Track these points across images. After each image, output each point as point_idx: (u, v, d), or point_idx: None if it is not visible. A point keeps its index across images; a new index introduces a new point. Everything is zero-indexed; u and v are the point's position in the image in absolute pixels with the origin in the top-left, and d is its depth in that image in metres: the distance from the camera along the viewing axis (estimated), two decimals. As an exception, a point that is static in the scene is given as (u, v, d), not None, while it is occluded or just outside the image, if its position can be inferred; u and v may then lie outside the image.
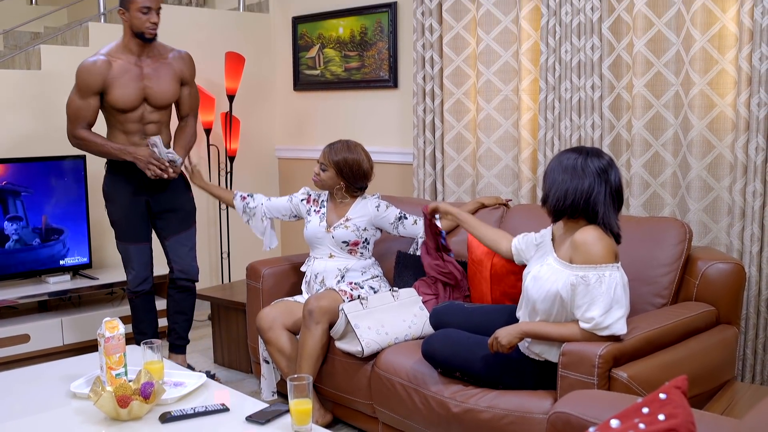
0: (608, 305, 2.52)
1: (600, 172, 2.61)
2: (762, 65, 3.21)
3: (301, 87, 5.49)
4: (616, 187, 2.65)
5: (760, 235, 3.31)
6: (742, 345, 3.37)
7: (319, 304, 3.37)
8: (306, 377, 2.44)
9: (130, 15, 3.71)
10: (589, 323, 2.53)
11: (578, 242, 2.58)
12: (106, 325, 2.72)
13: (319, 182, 3.69)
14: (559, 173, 2.66)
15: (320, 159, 3.68)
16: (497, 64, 4.12)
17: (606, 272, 2.54)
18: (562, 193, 2.63)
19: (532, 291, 2.69)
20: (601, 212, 2.61)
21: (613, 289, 2.53)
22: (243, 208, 3.91)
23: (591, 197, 2.60)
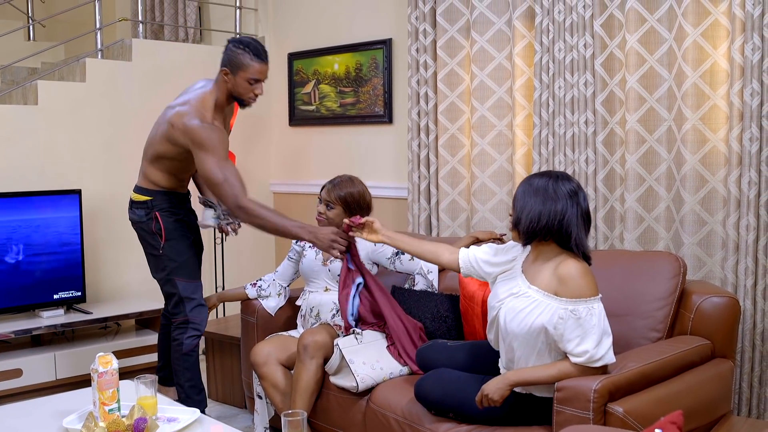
0: (600, 336, 2.53)
1: (571, 194, 2.63)
2: (753, 101, 3.24)
3: (297, 122, 5.52)
4: (585, 210, 2.66)
5: (754, 269, 3.32)
6: (738, 378, 3.36)
7: (314, 339, 3.36)
8: (300, 413, 2.42)
9: (235, 80, 3.48)
10: (582, 357, 2.53)
11: (565, 276, 2.57)
12: (100, 360, 2.70)
13: (324, 222, 3.63)
14: (530, 196, 2.66)
15: (324, 197, 3.62)
16: (491, 100, 4.15)
17: (595, 305, 2.55)
18: (535, 215, 2.62)
19: (512, 325, 2.65)
20: (574, 234, 2.61)
21: (602, 320, 2.55)
22: (258, 293, 3.88)
23: (564, 219, 2.60)
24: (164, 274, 3.71)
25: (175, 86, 5.22)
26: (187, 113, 3.46)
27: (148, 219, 3.70)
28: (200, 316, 3.73)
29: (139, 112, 5.06)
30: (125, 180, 4.98)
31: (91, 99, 4.87)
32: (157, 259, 3.72)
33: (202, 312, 3.73)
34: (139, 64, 5.08)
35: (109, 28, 6.11)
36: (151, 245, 3.73)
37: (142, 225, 3.73)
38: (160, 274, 3.74)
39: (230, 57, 3.48)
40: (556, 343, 2.59)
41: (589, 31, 3.71)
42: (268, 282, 3.87)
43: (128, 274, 5.08)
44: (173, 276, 3.68)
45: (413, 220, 4.49)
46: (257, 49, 3.47)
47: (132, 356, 4.61)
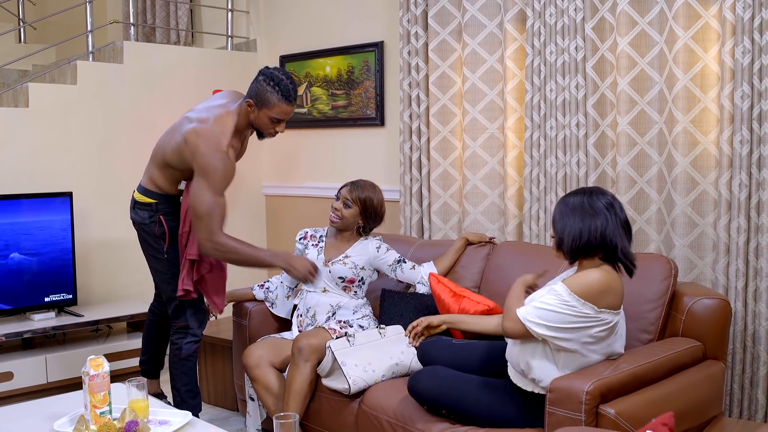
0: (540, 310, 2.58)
1: (607, 207, 2.66)
2: (744, 103, 3.25)
3: (289, 125, 5.50)
4: (624, 220, 2.69)
5: (744, 271, 3.33)
6: (729, 380, 3.37)
7: (309, 342, 3.36)
8: (292, 415, 2.42)
9: (259, 114, 3.47)
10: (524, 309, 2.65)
11: (582, 273, 2.64)
12: (91, 363, 2.70)
13: (339, 220, 3.64)
14: (568, 215, 2.68)
15: (344, 195, 3.64)
16: (483, 103, 4.16)
17: (572, 302, 2.56)
18: (576, 233, 2.64)
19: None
20: (620, 245, 2.64)
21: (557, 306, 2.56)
22: (265, 294, 3.88)
23: (606, 232, 2.63)
24: (166, 277, 3.68)
25: (167, 89, 5.24)
26: (204, 135, 3.41)
27: (151, 222, 3.65)
28: (200, 322, 3.70)
29: (131, 114, 5.06)
30: (117, 182, 4.99)
31: (83, 101, 4.86)
32: (159, 263, 3.69)
33: (202, 317, 3.71)
34: (131, 67, 5.07)
35: (101, 30, 6.10)
36: (153, 248, 3.69)
37: (145, 227, 3.69)
38: (162, 277, 3.71)
39: (258, 91, 3.44)
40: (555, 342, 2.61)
41: (580, 34, 3.72)
42: (276, 284, 3.87)
43: (120, 277, 5.07)
44: (174, 280, 3.64)
45: (405, 223, 4.49)
46: (288, 90, 3.42)
47: (123, 359, 4.60)
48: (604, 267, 2.65)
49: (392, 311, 3.65)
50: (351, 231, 3.72)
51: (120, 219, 5.02)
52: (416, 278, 3.67)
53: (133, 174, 5.08)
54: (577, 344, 2.59)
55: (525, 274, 2.94)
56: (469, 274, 3.67)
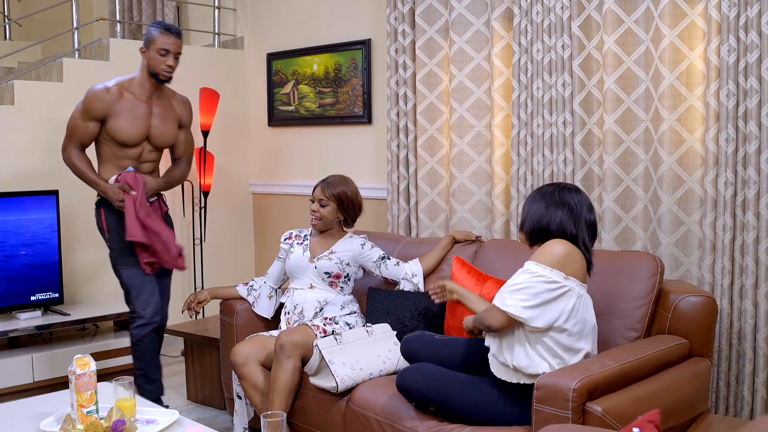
0: (516, 290, 2.63)
1: (577, 203, 2.74)
2: (729, 102, 3.27)
3: (276, 123, 5.51)
4: (589, 222, 2.76)
5: (730, 268, 3.35)
6: (715, 377, 3.39)
7: (291, 338, 3.36)
8: (280, 414, 2.42)
9: (149, 54, 3.81)
10: (497, 298, 2.68)
11: (545, 245, 2.70)
12: (77, 362, 2.69)
13: (319, 222, 3.70)
14: (537, 201, 2.78)
15: (317, 196, 3.68)
16: (470, 101, 4.16)
17: (540, 270, 2.61)
18: (536, 216, 2.75)
19: None
20: (580, 236, 2.71)
21: (531, 283, 2.61)
22: (248, 291, 3.88)
23: (565, 223, 2.71)
24: (113, 266, 3.89)
25: (154, 86, 5.19)
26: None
27: (97, 216, 3.91)
28: (146, 305, 3.81)
29: (117, 112, 5.03)
30: (103, 181, 4.96)
31: (69, 99, 4.82)
32: (109, 255, 3.91)
33: (148, 300, 3.81)
34: (117, 64, 5.05)
35: (87, 27, 6.07)
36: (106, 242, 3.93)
37: (97, 224, 3.94)
38: (114, 269, 3.91)
39: (145, 36, 3.86)
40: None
41: (567, 32, 3.73)
42: (259, 284, 3.88)
43: (106, 276, 5.03)
44: (117, 265, 3.84)
45: (392, 221, 4.50)
46: (166, 24, 3.86)
47: (110, 358, 4.59)
48: (563, 240, 2.70)
49: (379, 309, 3.65)
50: (336, 229, 3.74)
51: (106, 217, 5.00)
52: (400, 275, 3.69)
53: (119, 172, 5.07)
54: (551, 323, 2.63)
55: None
56: (457, 272, 3.68)
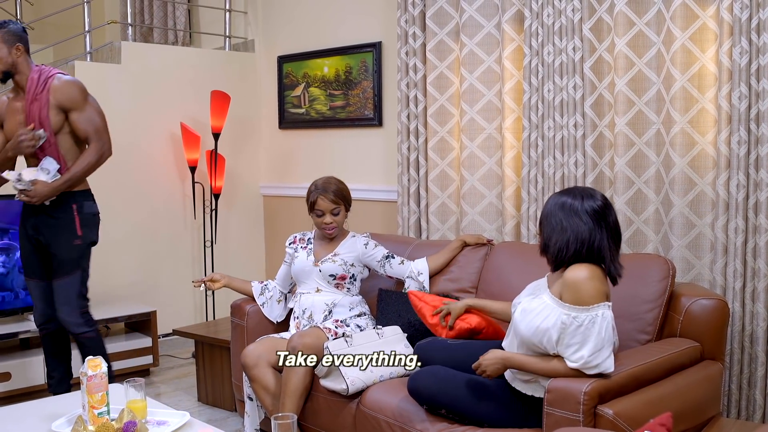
0: (599, 345, 2.51)
1: (597, 215, 2.60)
2: (741, 104, 3.25)
3: (287, 125, 5.52)
4: (613, 227, 2.64)
5: (742, 271, 3.33)
6: (727, 380, 3.38)
7: (303, 341, 3.36)
8: (291, 416, 2.42)
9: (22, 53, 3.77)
10: (578, 362, 2.52)
11: (569, 281, 2.55)
12: (89, 364, 2.69)
13: (336, 229, 3.68)
14: (557, 221, 2.63)
15: (327, 208, 3.63)
16: (480, 103, 4.16)
17: (599, 312, 2.51)
18: (563, 243, 2.60)
19: (521, 325, 2.66)
20: (608, 258, 2.61)
21: (604, 329, 2.51)
22: (261, 290, 3.88)
23: (594, 245, 2.59)
24: None
25: (165, 89, 5.24)
26: None
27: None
28: (34, 312, 3.96)
29: (129, 114, 5.06)
30: (114, 183, 4.99)
31: (80, 102, 4.85)
32: None
33: (35, 307, 3.93)
34: (129, 67, 5.07)
35: (98, 30, 6.11)
36: None
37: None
38: None
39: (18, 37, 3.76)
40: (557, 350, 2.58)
41: (578, 34, 3.73)
42: (273, 286, 3.88)
43: (117, 277, 5.07)
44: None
45: (403, 223, 4.50)
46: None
47: (122, 359, 4.60)
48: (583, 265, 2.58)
49: (389, 311, 3.65)
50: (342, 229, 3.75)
51: (117, 218, 5.03)
52: (405, 273, 3.69)
53: (130, 174, 5.10)
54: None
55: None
56: (467, 274, 3.67)
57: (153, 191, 5.21)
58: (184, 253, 5.40)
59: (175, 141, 5.26)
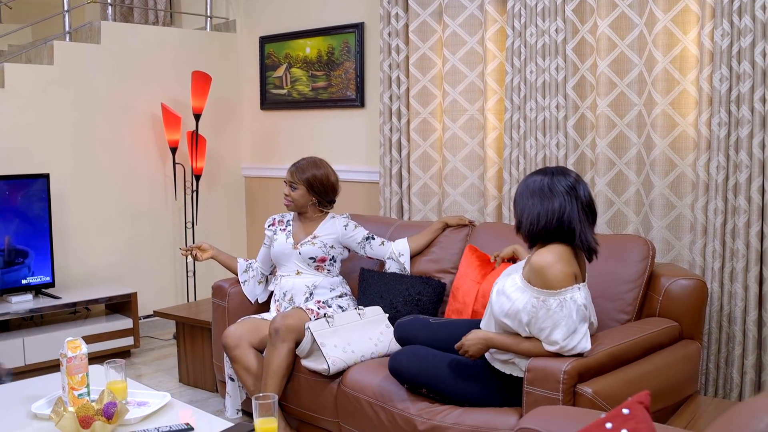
0: (572, 327, 2.53)
1: (569, 189, 2.61)
2: (722, 86, 3.27)
3: (268, 106, 5.49)
4: (587, 202, 2.64)
5: (721, 252, 3.36)
6: (705, 359, 3.41)
7: (285, 323, 3.36)
8: (271, 396, 2.43)
9: None
10: (553, 346, 2.54)
11: (535, 266, 2.56)
12: (69, 345, 2.68)
13: (291, 204, 3.70)
14: (527, 197, 2.65)
15: (288, 179, 3.69)
16: (463, 84, 4.15)
17: (567, 296, 2.52)
18: (534, 216, 2.61)
19: (496, 305, 2.68)
20: (578, 230, 2.60)
21: (575, 311, 2.53)
22: (246, 268, 3.88)
23: (564, 217, 2.59)
24: None
25: (145, 69, 5.20)
26: None
27: None
28: None
29: (109, 95, 5.02)
30: (94, 164, 4.96)
31: (59, 82, 4.82)
32: None
33: None
34: (108, 47, 5.02)
35: (78, 10, 6.04)
36: None
37: None
38: None
39: None
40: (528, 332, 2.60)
41: (560, 15, 3.72)
42: (256, 266, 3.88)
43: (98, 259, 5.05)
44: None
45: (385, 204, 4.49)
46: None
47: (102, 341, 4.59)
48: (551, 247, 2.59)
49: (371, 291, 3.66)
50: (313, 211, 3.73)
51: (97, 200, 5.00)
52: (386, 254, 3.70)
53: (110, 155, 5.06)
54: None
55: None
56: (448, 255, 3.68)
57: (134, 172, 5.18)
58: (165, 235, 5.38)
59: (155, 122, 5.23)
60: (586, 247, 2.63)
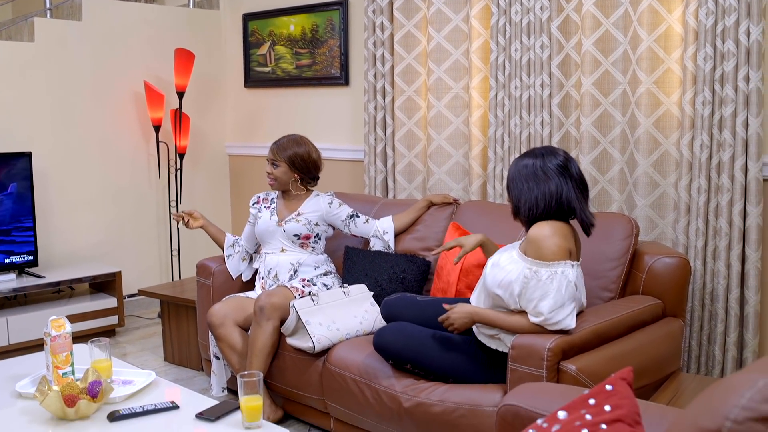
0: (560, 302, 2.54)
1: (561, 169, 2.63)
2: (706, 65, 3.27)
3: (252, 84, 5.46)
4: (579, 178, 2.66)
5: (704, 230, 3.38)
6: (688, 337, 3.44)
7: (270, 301, 3.36)
8: (256, 374, 2.43)
9: None
10: (538, 318, 2.56)
11: (531, 237, 2.59)
12: (52, 324, 2.67)
13: (275, 183, 3.71)
14: (522, 182, 2.66)
15: (270, 157, 3.70)
16: (448, 62, 4.14)
17: (558, 269, 2.54)
18: (532, 202, 2.63)
19: (489, 277, 2.69)
20: (578, 208, 2.63)
21: (564, 286, 2.54)
22: (232, 242, 3.88)
23: (562, 198, 2.61)
24: None
25: (127, 47, 5.15)
26: None
27: None
28: None
29: (90, 72, 4.97)
30: (76, 142, 4.92)
31: (41, 59, 4.76)
32: None
33: None
34: (90, 24, 4.97)
35: (59, -14, 5.97)
36: None
37: None
38: None
39: None
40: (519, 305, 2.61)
41: (545, -7, 3.71)
42: (242, 243, 3.89)
43: (81, 238, 5.02)
44: None
45: (369, 183, 4.49)
46: None
47: (86, 320, 4.58)
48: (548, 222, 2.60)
49: (356, 270, 3.66)
50: (297, 189, 3.74)
51: (80, 178, 4.97)
52: (370, 232, 3.71)
53: (93, 134, 5.03)
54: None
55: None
56: (433, 233, 3.69)
57: (117, 151, 5.15)
58: (149, 213, 5.36)
59: (138, 100, 5.19)
60: (587, 222, 2.66)
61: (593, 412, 1.50)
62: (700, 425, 1.22)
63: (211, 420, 2.46)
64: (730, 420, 1.19)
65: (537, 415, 1.93)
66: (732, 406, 1.20)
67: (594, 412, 1.50)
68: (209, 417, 2.47)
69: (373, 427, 3.06)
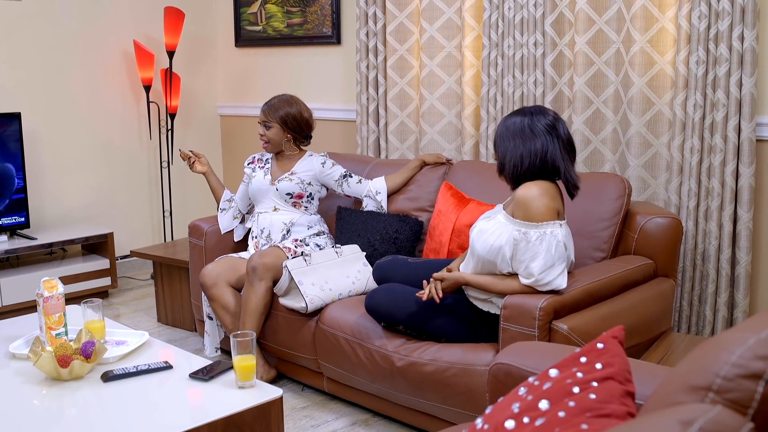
0: (549, 262, 2.55)
1: (549, 128, 2.62)
2: (701, 24, 3.25)
3: (243, 43, 5.41)
4: (567, 139, 2.65)
5: (696, 191, 3.38)
6: (679, 297, 3.46)
7: (263, 261, 3.36)
8: (249, 333, 2.44)
9: None
10: (529, 279, 2.57)
11: (519, 198, 2.58)
12: (45, 285, 2.67)
13: (268, 145, 3.72)
14: (509, 139, 2.65)
15: (261, 119, 3.70)
16: (440, 21, 4.10)
17: (547, 230, 2.54)
18: (517, 158, 2.62)
19: (477, 244, 2.69)
20: (563, 168, 2.62)
21: (554, 246, 2.55)
22: (230, 197, 3.90)
23: (547, 156, 2.60)
24: None
25: (116, 5, 5.08)
26: None
27: None
28: None
29: (79, 31, 4.91)
30: (66, 102, 4.88)
31: (28, 18, 4.70)
32: None
33: None
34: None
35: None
36: None
37: None
38: None
39: None
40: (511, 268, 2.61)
41: (539, -50, 3.67)
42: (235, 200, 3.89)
43: (73, 199, 5.00)
44: None
45: (362, 143, 4.47)
46: None
47: (79, 282, 4.58)
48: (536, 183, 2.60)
49: (349, 230, 3.66)
50: (290, 149, 3.75)
51: (71, 139, 4.94)
52: (363, 192, 3.71)
53: (83, 94, 4.98)
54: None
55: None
56: (425, 193, 3.68)
57: (107, 111, 5.10)
58: (141, 174, 5.33)
59: (128, 59, 5.13)
60: (572, 184, 2.64)
61: (584, 369, 1.50)
62: (690, 382, 1.23)
63: (205, 379, 2.47)
64: (720, 377, 1.19)
65: (528, 373, 1.94)
66: (722, 363, 1.21)
67: (585, 369, 1.50)
68: (203, 377, 2.48)
69: (366, 387, 3.08)
